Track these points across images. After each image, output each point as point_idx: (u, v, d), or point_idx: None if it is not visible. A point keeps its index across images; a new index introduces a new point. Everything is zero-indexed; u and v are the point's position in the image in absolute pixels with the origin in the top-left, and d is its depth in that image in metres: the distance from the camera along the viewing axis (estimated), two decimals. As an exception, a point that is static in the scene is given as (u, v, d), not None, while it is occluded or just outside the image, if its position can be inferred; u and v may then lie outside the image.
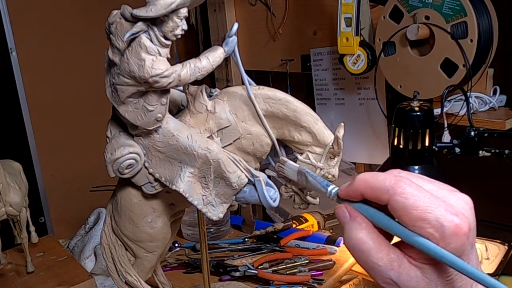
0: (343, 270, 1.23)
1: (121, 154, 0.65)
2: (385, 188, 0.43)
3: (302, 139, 0.71)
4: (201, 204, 0.67)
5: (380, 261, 0.44)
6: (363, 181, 0.45)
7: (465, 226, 0.41)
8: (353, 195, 0.46)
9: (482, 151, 1.10)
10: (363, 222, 0.45)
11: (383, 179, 0.43)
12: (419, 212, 0.41)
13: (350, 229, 0.46)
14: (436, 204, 0.41)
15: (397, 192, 0.42)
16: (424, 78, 1.20)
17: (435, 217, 0.40)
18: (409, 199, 0.41)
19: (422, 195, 0.41)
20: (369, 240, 0.45)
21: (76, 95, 1.69)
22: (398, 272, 0.43)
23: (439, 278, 0.43)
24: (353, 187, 0.46)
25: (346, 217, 0.46)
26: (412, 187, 0.42)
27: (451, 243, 0.41)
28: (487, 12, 1.14)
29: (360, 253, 0.45)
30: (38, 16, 1.60)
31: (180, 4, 0.54)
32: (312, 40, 1.57)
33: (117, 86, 0.59)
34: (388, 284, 0.44)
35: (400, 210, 0.42)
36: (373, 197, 0.44)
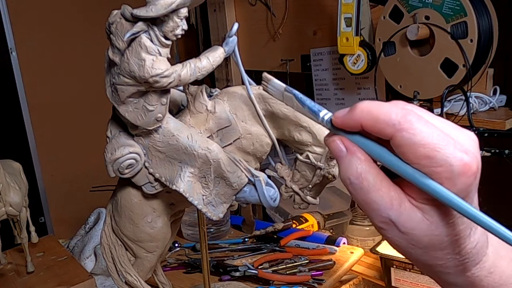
0: (343, 270, 1.23)
1: (121, 154, 0.65)
2: (391, 121, 0.39)
3: (302, 139, 0.71)
4: (201, 204, 0.67)
5: (380, 199, 0.41)
6: (365, 110, 0.40)
7: (474, 165, 0.38)
8: (352, 124, 0.42)
9: (482, 151, 1.10)
10: (363, 157, 0.42)
11: (389, 111, 0.39)
12: (426, 150, 0.38)
13: (349, 164, 0.42)
14: (445, 141, 0.38)
15: (404, 127, 0.38)
16: (424, 78, 1.20)
17: (443, 156, 0.38)
18: (416, 136, 0.38)
19: (431, 132, 0.38)
20: (369, 177, 0.41)
21: (76, 95, 1.69)
22: (398, 211, 0.41)
23: (440, 220, 0.41)
24: (352, 115, 0.41)
25: (342, 151, 0.42)
26: (421, 122, 0.39)
27: (457, 183, 0.38)
28: (487, 12, 1.14)
29: (359, 190, 0.42)
30: (38, 16, 1.60)
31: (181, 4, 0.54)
32: (312, 40, 1.57)
33: (117, 86, 0.59)
34: (386, 224, 0.42)
35: (406, 147, 0.39)
36: (374, 130, 0.40)
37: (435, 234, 0.41)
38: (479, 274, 0.44)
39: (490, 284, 0.45)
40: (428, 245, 0.42)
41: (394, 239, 0.42)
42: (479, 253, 0.44)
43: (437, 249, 0.42)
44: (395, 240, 0.42)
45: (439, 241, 0.41)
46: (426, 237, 0.41)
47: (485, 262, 0.44)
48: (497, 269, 0.45)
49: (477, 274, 0.44)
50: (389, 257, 1.20)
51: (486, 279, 0.45)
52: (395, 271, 1.20)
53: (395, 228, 0.41)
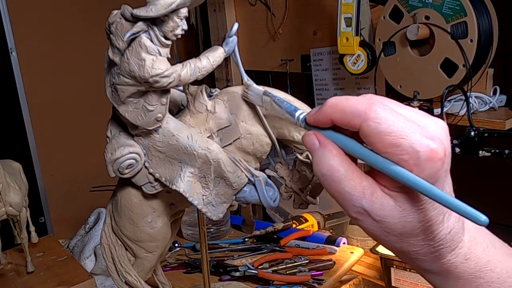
0: (343, 270, 1.23)
1: (121, 154, 0.65)
2: (357, 112, 0.40)
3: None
4: (201, 204, 0.67)
5: (353, 189, 0.42)
6: (333, 105, 0.42)
7: (441, 151, 0.39)
8: (323, 121, 0.43)
9: (482, 151, 1.10)
10: (334, 149, 0.43)
11: (355, 102, 0.41)
12: (392, 138, 0.39)
13: (321, 156, 0.43)
14: (411, 129, 0.39)
15: (370, 117, 0.39)
16: (424, 78, 1.20)
17: (409, 143, 0.38)
18: (382, 124, 0.39)
19: (396, 120, 0.39)
20: (341, 168, 0.42)
21: (76, 95, 1.69)
22: (371, 200, 0.42)
23: (412, 207, 0.41)
24: (322, 111, 0.43)
25: (315, 144, 0.44)
26: (386, 111, 0.40)
27: (425, 169, 0.39)
28: (487, 12, 1.14)
29: (331, 181, 0.43)
30: (38, 16, 1.60)
31: (181, 4, 0.54)
32: (312, 40, 1.57)
33: (117, 86, 0.59)
34: (360, 213, 0.42)
35: (373, 136, 0.39)
36: (343, 122, 0.42)
37: (407, 221, 0.42)
38: (454, 261, 0.45)
39: (466, 271, 0.45)
40: (402, 232, 0.42)
41: (369, 228, 0.43)
42: (454, 239, 0.44)
43: (411, 235, 0.43)
44: (370, 229, 0.43)
45: (412, 228, 0.42)
46: (399, 224, 0.42)
47: (460, 249, 0.45)
48: (472, 256, 0.45)
49: (452, 260, 0.45)
50: (389, 257, 1.20)
51: (461, 265, 0.45)
52: (395, 271, 1.20)
53: (369, 217, 0.42)
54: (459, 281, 0.46)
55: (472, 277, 0.45)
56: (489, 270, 0.46)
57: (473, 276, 0.45)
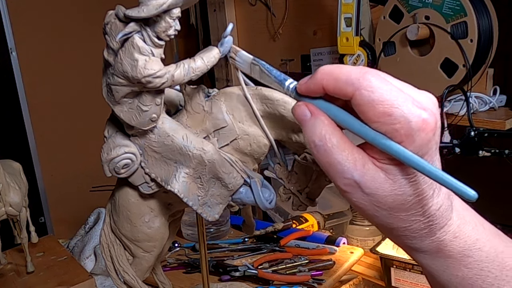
0: (343, 270, 1.23)
1: (116, 154, 0.65)
2: (350, 80, 0.40)
3: (300, 140, 0.70)
4: (196, 205, 0.67)
5: (344, 160, 0.42)
6: (326, 72, 0.42)
7: (432, 121, 0.39)
8: (314, 89, 0.43)
9: (482, 151, 1.10)
10: (326, 120, 0.43)
11: (348, 71, 0.41)
12: (385, 107, 0.39)
13: (312, 126, 0.43)
14: (403, 98, 0.39)
15: (363, 85, 0.39)
16: (424, 78, 1.20)
17: (401, 113, 0.38)
18: (375, 93, 0.39)
19: (388, 89, 0.39)
20: (333, 138, 0.42)
21: (76, 95, 1.69)
22: (362, 172, 0.41)
23: (403, 179, 0.41)
24: (314, 79, 0.43)
25: (306, 115, 0.43)
26: (379, 80, 0.40)
27: (417, 139, 0.39)
28: (487, 12, 1.14)
29: (323, 152, 0.42)
30: (38, 16, 1.61)
31: (172, 5, 0.54)
32: (312, 40, 1.57)
33: (111, 86, 0.59)
34: (350, 186, 0.42)
35: (365, 105, 0.39)
36: (336, 91, 0.41)
37: (398, 194, 0.41)
38: (444, 238, 0.45)
39: (455, 249, 0.45)
40: (392, 205, 0.42)
41: (358, 201, 0.43)
42: (444, 216, 0.44)
43: (401, 210, 0.42)
44: (360, 202, 0.43)
45: (403, 201, 0.42)
46: (390, 197, 0.42)
47: (450, 226, 0.45)
48: (462, 234, 0.45)
49: (442, 238, 0.44)
50: (389, 257, 1.20)
51: (451, 243, 0.45)
52: (395, 271, 1.20)
53: (359, 190, 0.42)
54: (447, 260, 0.45)
55: (461, 255, 0.45)
56: (477, 249, 0.45)
57: (462, 255, 0.45)
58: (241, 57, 0.52)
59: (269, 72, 0.47)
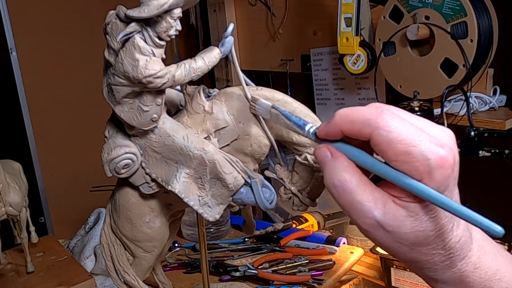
0: (343, 270, 1.23)
1: (117, 154, 0.65)
2: (367, 121, 0.41)
3: (301, 140, 0.70)
4: (197, 205, 0.67)
5: (365, 200, 0.42)
6: (342, 116, 0.43)
7: (451, 158, 0.40)
8: (333, 133, 0.44)
9: (482, 151, 1.10)
10: (345, 161, 0.43)
11: (364, 112, 0.41)
12: (403, 146, 0.39)
13: (333, 168, 0.44)
14: (421, 137, 0.39)
15: (380, 125, 0.40)
16: (424, 78, 1.20)
17: (420, 151, 0.39)
18: (393, 132, 0.39)
19: (406, 128, 0.40)
20: (353, 179, 0.43)
21: (76, 95, 1.69)
22: (383, 211, 0.42)
23: (424, 216, 0.41)
24: (332, 123, 0.44)
25: (327, 157, 0.44)
26: (395, 119, 0.40)
27: (436, 176, 0.39)
28: (487, 12, 1.14)
29: (343, 193, 0.43)
30: (38, 16, 1.60)
31: (173, 5, 0.54)
32: (312, 40, 1.56)
33: (112, 86, 0.59)
34: (371, 225, 0.42)
35: (384, 144, 0.40)
36: (354, 132, 0.42)
37: (419, 230, 0.42)
38: (465, 270, 0.45)
39: (476, 280, 0.45)
40: (414, 241, 0.42)
41: (381, 239, 0.43)
42: (464, 248, 0.44)
43: (423, 245, 0.43)
44: (382, 240, 0.43)
45: (424, 237, 0.42)
46: (411, 234, 0.42)
47: (470, 257, 0.45)
48: (482, 265, 0.46)
49: (463, 269, 0.45)
50: (389, 257, 1.20)
51: (472, 274, 0.45)
52: (395, 271, 1.20)
53: (381, 229, 0.42)
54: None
55: (482, 286, 0.46)
56: (498, 280, 0.46)
57: (483, 286, 0.46)
58: (260, 105, 0.54)
59: (289, 118, 0.49)
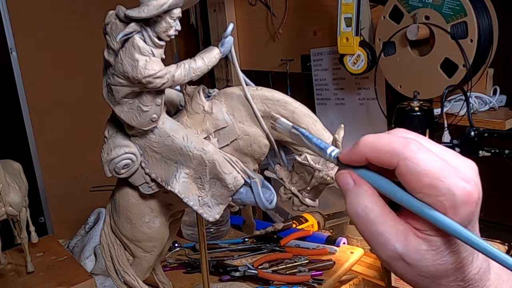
0: (343, 270, 1.23)
1: (117, 154, 0.65)
2: (394, 151, 0.40)
3: (300, 140, 0.70)
4: (197, 205, 0.67)
5: (387, 231, 0.42)
6: (368, 143, 0.42)
7: (476, 193, 0.39)
8: (357, 159, 0.43)
9: (482, 151, 1.10)
10: (369, 189, 0.43)
11: (391, 142, 0.40)
12: (430, 179, 0.38)
13: (355, 196, 0.43)
14: (448, 171, 0.39)
15: (407, 156, 0.39)
16: (424, 78, 1.20)
17: (446, 185, 0.38)
18: (420, 165, 0.39)
19: (433, 161, 0.39)
20: (375, 209, 0.42)
21: (76, 95, 1.69)
22: (405, 244, 0.41)
23: (445, 250, 0.41)
24: (356, 150, 0.43)
25: (349, 184, 0.43)
26: (422, 151, 0.40)
27: (461, 212, 0.39)
28: (487, 12, 1.14)
29: (365, 222, 0.42)
30: (38, 16, 1.60)
31: (173, 5, 0.54)
32: (312, 40, 1.56)
33: (112, 86, 0.59)
34: (392, 257, 0.42)
35: (410, 176, 0.39)
36: (379, 161, 0.41)
37: (440, 264, 0.42)
38: None
39: None
40: (435, 274, 0.42)
41: (401, 271, 0.43)
42: (482, 278, 0.44)
43: (443, 277, 0.43)
44: (402, 272, 0.43)
45: (445, 270, 0.42)
46: (432, 267, 0.42)
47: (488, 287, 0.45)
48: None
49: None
50: (389, 257, 1.20)
51: None
52: (395, 271, 1.20)
53: (402, 261, 0.42)
54: None
55: None
56: None
57: None
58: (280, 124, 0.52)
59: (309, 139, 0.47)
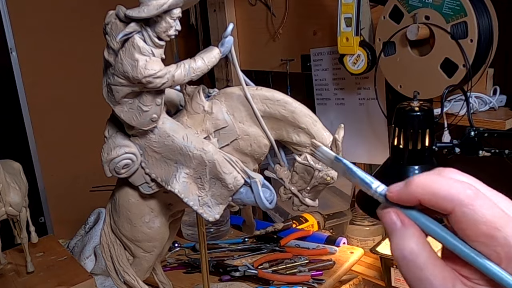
0: (343, 270, 1.23)
1: (117, 154, 0.65)
2: (450, 196, 0.38)
3: (301, 140, 0.70)
4: (196, 205, 0.67)
5: (434, 278, 0.40)
6: (422, 185, 0.40)
7: None
8: (408, 200, 0.41)
9: (482, 151, 1.10)
10: (417, 232, 0.41)
11: (448, 185, 0.39)
12: (487, 228, 0.37)
13: (402, 237, 0.41)
14: (505, 220, 0.38)
15: (465, 203, 0.38)
16: (424, 78, 1.20)
17: (504, 235, 0.37)
18: (477, 212, 0.37)
19: (491, 209, 0.38)
20: (423, 253, 0.40)
21: (76, 95, 1.69)
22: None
23: None
24: (409, 190, 0.41)
25: (396, 224, 0.42)
26: (480, 198, 0.38)
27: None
28: (487, 12, 1.13)
29: (412, 266, 0.40)
30: (38, 16, 1.60)
31: (173, 5, 0.54)
32: (312, 40, 1.56)
33: (112, 86, 0.59)
34: None
35: (466, 223, 0.38)
36: (432, 204, 0.40)
37: None
38: None
39: None
40: None
41: None
42: None
43: None
44: None
45: None
46: None
47: None
48: None
49: None
50: (389, 257, 1.20)
51: None
52: (395, 271, 1.20)
53: None
54: None
55: None
56: None
57: None
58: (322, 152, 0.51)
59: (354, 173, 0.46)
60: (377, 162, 1.47)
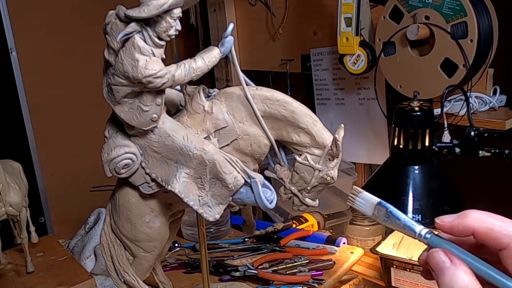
0: (343, 270, 1.23)
1: (117, 154, 0.65)
2: (506, 231, 0.40)
3: (301, 140, 0.70)
4: (197, 205, 0.67)
5: None
6: (479, 218, 0.41)
7: None
8: (461, 232, 0.42)
9: (482, 151, 1.10)
10: (468, 270, 0.41)
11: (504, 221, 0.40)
12: None
13: (454, 276, 0.41)
14: None
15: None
16: (424, 78, 1.20)
17: None
18: None
19: None
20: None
21: (76, 95, 1.69)
22: None
23: None
24: (463, 222, 0.42)
25: (446, 262, 0.42)
26: None
27: None
28: (487, 12, 1.13)
29: None
30: (38, 16, 1.60)
31: (173, 5, 0.54)
32: (312, 40, 1.56)
33: (112, 86, 0.59)
34: None
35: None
36: (487, 238, 0.41)
37: None
38: None
39: None
40: None
41: None
42: None
43: None
44: None
45: None
46: None
47: None
48: None
49: None
50: (389, 257, 1.20)
51: None
52: (395, 271, 1.20)
53: None
54: None
55: None
56: None
57: None
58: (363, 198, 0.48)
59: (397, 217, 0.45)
60: (377, 162, 1.47)
